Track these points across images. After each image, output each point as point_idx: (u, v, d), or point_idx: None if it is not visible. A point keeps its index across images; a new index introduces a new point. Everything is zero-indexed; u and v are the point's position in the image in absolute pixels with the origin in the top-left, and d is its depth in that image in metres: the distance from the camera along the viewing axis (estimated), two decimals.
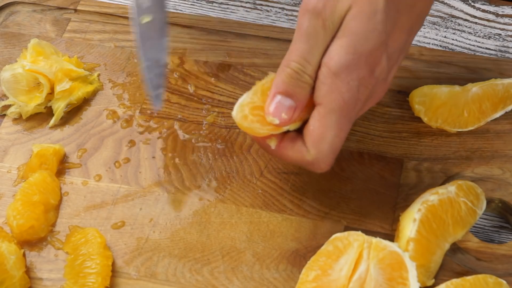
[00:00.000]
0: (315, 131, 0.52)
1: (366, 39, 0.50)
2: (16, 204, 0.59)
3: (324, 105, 0.51)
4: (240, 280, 0.57)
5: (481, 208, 0.57)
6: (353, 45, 0.50)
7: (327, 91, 0.50)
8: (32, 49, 0.68)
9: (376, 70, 0.51)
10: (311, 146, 0.52)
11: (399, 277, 0.50)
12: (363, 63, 0.50)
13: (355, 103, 0.51)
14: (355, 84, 0.50)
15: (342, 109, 0.51)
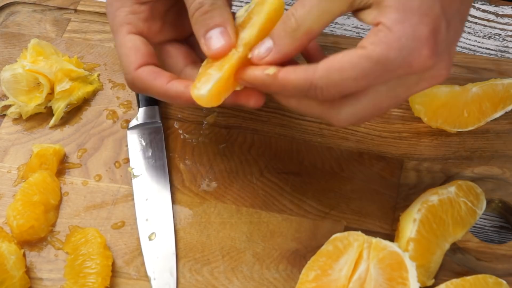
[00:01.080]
0: (337, 59, 0.46)
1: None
2: (16, 204, 0.59)
3: (365, 49, 0.45)
4: (240, 280, 0.57)
5: (481, 208, 0.57)
6: (402, 2, 0.45)
7: (375, 40, 0.45)
8: (32, 49, 0.68)
9: (437, 36, 0.46)
10: (323, 65, 0.46)
11: (399, 277, 0.50)
12: (418, 20, 0.45)
13: (399, 65, 0.45)
14: (408, 43, 0.45)
15: (380, 63, 0.45)
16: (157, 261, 0.58)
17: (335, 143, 0.64)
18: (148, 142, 0.64)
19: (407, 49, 0.45)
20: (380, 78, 0.46)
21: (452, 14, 0.47)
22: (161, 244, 0.58)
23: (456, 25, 0.48)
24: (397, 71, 0.46)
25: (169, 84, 0.53)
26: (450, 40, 0.47)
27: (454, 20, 0.47)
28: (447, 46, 0.47)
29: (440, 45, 0.46)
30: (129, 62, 0.54)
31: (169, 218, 0.60)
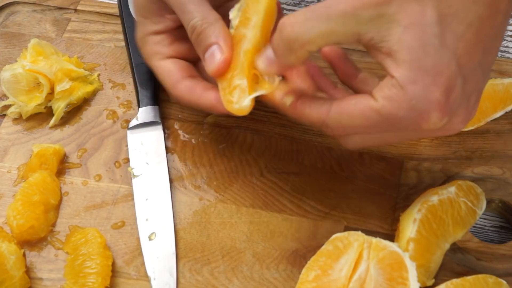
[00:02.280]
0: (350, 105, 0.47)
1: (425, 53, 0.44)
2: (16, 204, 0.59)
3: (377, 102, 0.46)
4: (240, 280, 0.57)
5: (481, 208, 0.57)
6: (416, 59, 0.44)
7: (388, 95, 0.45)
8: (32, 49, 0.68)
9: (450, 96, 0.45)
10: (335, 108, 0.48)
11: (399, 277, 0.50)
12: (432, 81, 0.44)
13: (408, 124, 0.46)
14: (419, 105, 0.44)
15: (389, 119, 0.46)
16: (157, 261, 0.58)
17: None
18: (148, 142, 0.64)
19: (417, 111, 0.45)
20: (389, 130, 0.48)
21: (472, 68, 0.46)
22: (161, 244, 0.59)
23: (477, 77, 0.47)
24: (406, 128, 0.46)
25: (203, 97, 0.56)
26: (468, 94, 0.46)
27: (474, 73, 0.46)
28: (464, 101, 0.46)
29: (453, 103, 0.45)
30: (167, 84, 0.59)
31: (169, 218, 0.60)
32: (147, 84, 0.67)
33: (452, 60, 0.44)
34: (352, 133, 0.49)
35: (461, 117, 0.47)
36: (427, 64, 0.44)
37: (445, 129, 0.47)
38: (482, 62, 0.47)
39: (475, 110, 0.49)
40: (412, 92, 0.44)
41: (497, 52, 0.49)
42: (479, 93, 0.49)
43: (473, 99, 0.48)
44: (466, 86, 0.46)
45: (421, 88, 0.44)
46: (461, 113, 0.47)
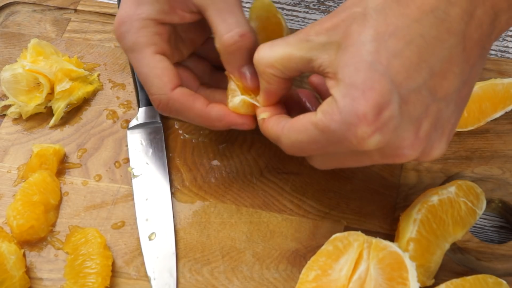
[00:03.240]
0: (298, 120, 0.48)
1: (357, 69, 0.44)
2: (16, 204, 0.59)
3: (315, 116, 0.46)
4: (240, 280, 0.57)
5: (481, 208, 0.57)
6: (349, 76, 0.44)
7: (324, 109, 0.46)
8: (32, 49, 0.68)
9: (381, 113, 0.43)
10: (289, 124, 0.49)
11: (399, 277, 0.50)
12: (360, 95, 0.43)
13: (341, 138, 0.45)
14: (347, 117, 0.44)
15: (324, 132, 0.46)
16: (157, 261, 0.58)
17: None
18: (148, 142, 0.64)
19: (346, 124, 0.44)
20: (330, 146, 0.47)
21: (414, 88, 0.44)
22: (161, 244, 0.59)
23: (427, 101, 0.45)
24: (342, 142, 0.45)
25: (209, 108, 0.55)
26: (413, 116, 0.44)
27: (418, 95, 0.44)
28: (406, 123, 0.44)
29: (388, 121, 0.44)
30: (163, 83, 0.55)
31: (169, 218, 0.60)
32: None
33: (385, 76, 0.43)
34: (301, 150, 0.49)
35: (407, 142, 0.45)
36: (357, 79, 0.43)
37: (389, 153, 0.46)
38: (436, 87, 0.45)
39: (439, 143, 0.47)
40: (342, 105, 0.44)
41: (470, 79, 0.46)
42: (442, 123, 0.46)
43: (426, 125, 0.45)
44: (408, 107, 0.44)
45: (349, 101, 0.44)
46: (407, 137, 0.45)
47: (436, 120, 0.46)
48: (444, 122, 0.47)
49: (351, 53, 0.44)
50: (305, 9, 0.77)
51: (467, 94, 0.48)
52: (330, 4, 0.78)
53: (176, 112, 0.56)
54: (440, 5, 0.44)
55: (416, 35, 0.44)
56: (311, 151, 0.49)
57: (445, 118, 0.47)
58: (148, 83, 0.55)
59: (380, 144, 0.45)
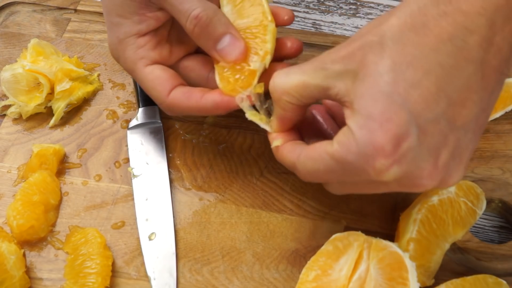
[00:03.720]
0: (315, 149, 0.48)
1: (375, 100, 0.43)
2: (16, 204, 0.59)
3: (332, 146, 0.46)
4: (240, 280, 0.57)
5: (481, 208, 0.57)
6: (366, 107, 0.44)
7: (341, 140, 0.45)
8: (32, 49, 0.68)
9: (400, 145, 0.43)
10: (305, 152, 0.49)
11: (399, 277, 0.50)
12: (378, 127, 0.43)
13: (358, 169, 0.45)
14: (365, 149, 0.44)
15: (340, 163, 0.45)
16: (157, 261, 0.58)
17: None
18: (148, 142, 0.64)
19: (363, 156, 0.44)
20: (347, 176, 0.46)
21: (432, 119, 0.43)
22: (161, 244, 0.59)
23: (445, 131, 0.44)
24: (359, 173, 0.45)
25: (203, 99, 0.55)
26: (432, 147, 0.44)
27: (437, 125, 0.44)
28: (425, 154, 0.44)
29: (406, 153, 0.43)
30: (158, 92, 0.56)
31: (169, 218, 0.60)
32: None
33: (402, 108, 0.43)
34: (318, 178, 0.49)
35: (426, 172, 0.45)
36: (375, 111, 0.43)
37: (407, 183, 0.45)
38: (455, 116, 0.44)
39: (457, 171, 0.46)
40: (359, 137, 0.44)
41: (488, 105, 0.46)
42: (460, 151, 0.46)
43: (445, 155, 0.45)
44: (427, 137, 0.44)
45: (367, 133, 0.43)
46: (425, 167, 0.44)
47: (454, 149, 0.45)
48: (462, 151, 0.46)
49: (368, 84, 0.43)
50: (305, 9, 0.78)
51: (485, 120, 0.47)
52: (330, 4, 0.78)
53: (178, 113, 0.57)
54: (458, 34, 0.43)
55: (434, 64, 0.43)
56: (327, 180, 0.49)
57: (463, 147, 0.46)
58: (150, 95, 0.58)
59: (399, 176, 0.44)
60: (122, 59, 0.58)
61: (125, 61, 0.58)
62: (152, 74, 0.56)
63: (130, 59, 0.57)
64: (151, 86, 0.57)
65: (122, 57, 0.58)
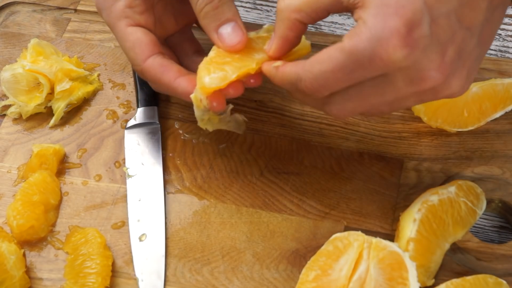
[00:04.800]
0: (320, 53, 0.47)
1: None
2: (16, 204, 0.59)
3: (341, 42, 0.46)
4: (240, 280, 0.57)
5: (481, 208, 0.57)
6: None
7: (351, 33, 0.45)
8: (32, 49, 0.68)
9: (413, 30, 0.44)
10: (310, 59, 0.48)
11: (399, 277, 0.50)
12: (393, 11, 0.44)
13: (370, 56, 0.45)
14: (378, 33, 0.44)
15: (352, 54, 0.45)
16: (146, 262, 0.57)
17: (335, 143, 0.64)
18: (144, 143, 0.64)
19: (376, 39, 0.44)
20: (357, 70, 0.46)
21: (443, 13, 0.45)
22: (151, 246, 0.58)
23: (454, 28, 0.46)
24: (371, 63, 0.45)
25: (177, 82, 0.55)
26: (441, 40, 0.45)
27: (448, 20, 0.45)
28: (434, 45, 0.45)
29: (419, 40, 0.44)
30: (135, 55, 0.56)
31: (161, 220, 0.60)
32: (147, 84, 0.67)
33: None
34: (325, 84, 0.48)
35: (434, 64, 0.45)
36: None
37: (415, 75, 0.46)
38: (464, 15, 0.46)
39: (460, 73, 0.47)
40: (372, 24, 0.44)
41: (492, 19, 0.48)
42: (464, 54, 0.47)
43: (451, 51, 0.46)
44: (438, 29, 0.45)
45: (381, 18, 0.44)
46: (434, 59, 0.45)
47: (460, 49, 0.47)
48: (467, 54, 0.47)
49: None
50: None
51: (489, 36, 0.49)
52: None
53: (150, 81, 0.57)
54: None
55: None
56: (335, 83, 0.47)
57: (468, 50, 0.47)
58: (126, 54, 0.58)
59: (408, 61, 0.44)
60: (107, 11, 0.57)
61: (109, 15, 0.57)
62: (133, 35, 0.57)
63: (115, 14, 0.57)
64: (129, 46, 0.56)
65: (108, 10, 0.57)
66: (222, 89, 0.52)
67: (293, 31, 0.51)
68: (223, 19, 0.54)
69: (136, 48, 0.56)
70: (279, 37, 0.51)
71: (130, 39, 0.56)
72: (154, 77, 0.56)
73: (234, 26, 0.54)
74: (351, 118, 0.66)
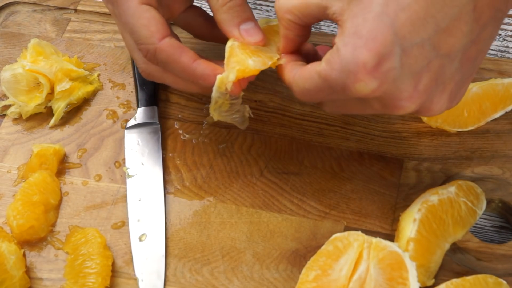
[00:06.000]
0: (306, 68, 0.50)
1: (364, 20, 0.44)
2: (16, 204, 0.59)
3: (319, 65, 0.47)
4: (240, 280, 0.57)
5: (481, 208, 0.57)
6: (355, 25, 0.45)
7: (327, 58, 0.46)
8: (32, 49, 0.68)
9: (382, 63, 0.44)
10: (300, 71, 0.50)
11: (399, 277, 0.50)
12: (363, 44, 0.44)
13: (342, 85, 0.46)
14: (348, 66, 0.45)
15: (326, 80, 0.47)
16: (146, 262, 0.57)
17: (335, 143, 0.64)
18: (144, 143, 0.64)
19: (346, 72, 0.45)
20: (333, 94, 0.48)
21: (417, 43, 0.45)
22: (151, 245, 0.58)
23: (430, 56, 0.45)
24: (343, 90, 0.46)
25: (196, 63, 0.54)
26: (412, 70, 0.45)
27: (421, 49, 0.45)
28: (405, 76, 0.45)
29: (388, 72, 0.44)
30: (150, 32, 0.54)
31: (161, 220, 0.60)
32: (147, 84, 0.67)
33: (389, 28, 0.44)
34: (310, 98, 0.50)
35: (405, 94, 0.46)
36: (362, 29, 0.44)
37: (388, 103, 0.47)
38: (441, 43, 0.45)
39: (439, 98, 0.48)
40: (343, 54, 0.45)
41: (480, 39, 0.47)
42: (445, 79, 0.47)
43: (426, 79, 0.46)
44: (409, 60, 0.45)
45: (351, 49, 0.45)
46: (405, 89, 0.46)
47: (437, 76, 0.47)
48: (446, 79, 0.47)
49: (362, 4, 0.45)
50: None
51: (477, 55, 0.48)
52: None
53: (162, 64, 0.55)
54: None
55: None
56: (319, 98, 0.50)
57: (448, 75, 0.47)
58: (135, 33, 0.55)
59: (377, 92, 0.45)
60: None
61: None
62: (148, 13, 0.55)
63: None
64: (144, 23, 0.54)
65: None
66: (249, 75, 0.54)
67: (290, 30, 0.52)
68: (244, 17, 0.56)
69: (152, 25, 0.54)
70: (282, 35, 0.53)
71: (145, 16, 0.55)
72: (170, 58, 0.54)
73: (255, 25, 0.56)
74: (351, 118, 0.66)
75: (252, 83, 0.66)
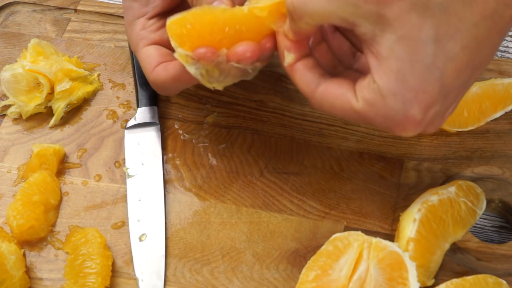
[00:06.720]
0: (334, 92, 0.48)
1: (413, 69, 0.44)
2: (16, 204, 0.59)
3: (358, 102, 0.47)
4: (240, 280, 0.57)
5: (481, 208, 0.57)
6: (402, 72, 0.44)
7: (369, 98, 0.46)
8: (32, 49, 0.68)
9: (428, 113, 0.46)
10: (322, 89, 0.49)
11: (399, 277, 0.50)
12: (413, 97, 0.45)
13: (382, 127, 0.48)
14: (396, 117, 0.46)
15: (365, 119, 0.47)
16: (146, 262, 0.57)
17: (335, 143, 0.64)
18: (144, 143, 0.64)
19: (393, 121, 0.46)
20: (364, 123, 0.49)
21: (456, 86, 0.46)
22: (151, 246, 0.58)
23: (458, 91, 0.47)
24: (383, 129, 0.48)
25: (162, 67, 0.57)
26: (446, 107, 0.47)
27: (457, 89, 0.47)
28: (440, 114, 0.47)
29: (430, 118, 0.46)
30: (145, 69, 0.59)
31: (161, 220, 0.60)
32: (147, 84, 0.67)
33: (438, 81, 0.44)
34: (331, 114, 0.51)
35: (435, 125, 0.48)
36: (412, 80, 0.44)
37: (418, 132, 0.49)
38: (469, 78, 0.47)
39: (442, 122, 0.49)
40: (391, 104, 0.45)
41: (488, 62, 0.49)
42: (458, 102, 0.49)
43: (451, 110, 0.49)
44: (446, 101, 0.46)
45: (401, 102, 0.45)
46: (437, 123, 0.48)
47: (458, 103, 0.49)
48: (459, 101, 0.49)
49: (409, 48, 0.44)
50: None
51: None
52: None
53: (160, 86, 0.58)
54: (499, 9, 0.44)
55: (472, 38, 0.44)
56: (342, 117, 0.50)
57: (458, 100, 0.49)
58: (144, 72, 0.60)
59: (416, 132, 0.47)
60: (129, 39, 0.61)
61: (130, 42, 0.61)
62: (145, 53, 0.59)
63: (134, 40, 0.60)
64: (143, 64, 0.59)
65: (129, 38, 0.61)
66: None
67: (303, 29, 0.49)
68: None
69: (146, 63, 0.58)
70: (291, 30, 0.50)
71: (143, 57, 0.59)
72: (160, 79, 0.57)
73: None
74: None
75: (252, 83, 0.66)
